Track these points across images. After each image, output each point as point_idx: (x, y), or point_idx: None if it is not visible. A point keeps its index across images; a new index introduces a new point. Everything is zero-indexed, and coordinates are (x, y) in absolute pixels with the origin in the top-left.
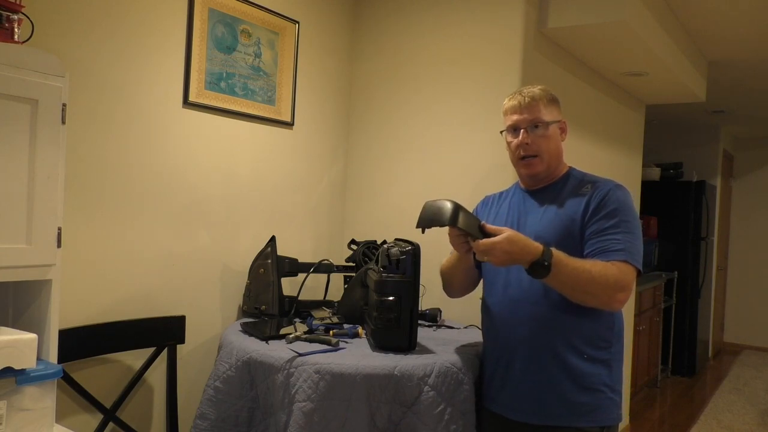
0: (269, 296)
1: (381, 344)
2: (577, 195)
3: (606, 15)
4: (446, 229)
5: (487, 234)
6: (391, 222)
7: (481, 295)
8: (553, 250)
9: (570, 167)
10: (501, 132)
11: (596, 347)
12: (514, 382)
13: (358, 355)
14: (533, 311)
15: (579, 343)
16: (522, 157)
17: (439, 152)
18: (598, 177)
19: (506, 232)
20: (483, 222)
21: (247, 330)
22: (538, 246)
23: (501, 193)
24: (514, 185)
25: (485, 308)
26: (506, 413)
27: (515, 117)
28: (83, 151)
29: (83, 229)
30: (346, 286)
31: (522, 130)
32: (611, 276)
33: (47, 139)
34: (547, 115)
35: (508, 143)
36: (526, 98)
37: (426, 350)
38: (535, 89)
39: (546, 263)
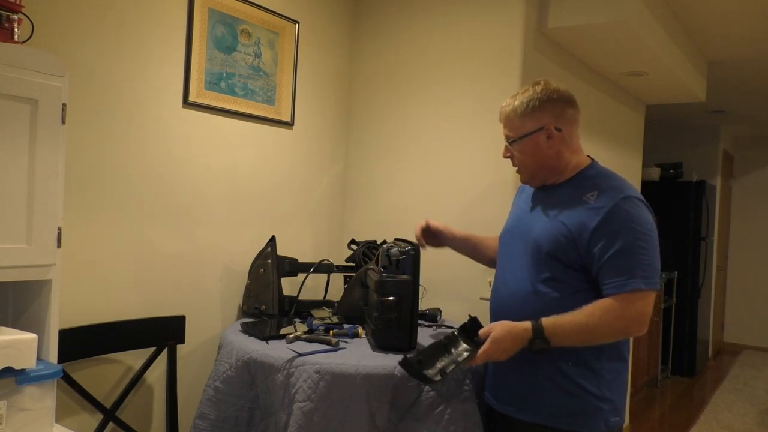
0: (269, 296)
1: (381, 344)
2: (580, 202)
3: (606, 15)
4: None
5: (478, 340)
6: (391, 222)
7: (481, 294)
8: (545, 322)
9: (591, 163)
10: None
11: (586, 354)
12: (501, 376)
13: (358, 355)
14: (523, 309)
15: (564, 347)
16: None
17: (440, 152)
18: (609, 181)
19: (491, 335)
20: (480, 332)
21: (247, 330)
22: (528, 329)
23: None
24: None
25: (490, 303)
26: (496, 406)
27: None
28: (83, 151)
29: (83, 229)
30: (346, 286)
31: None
32: (613, 318)
33: (47, 139)
34: (519, 128)
35: None
36: (501, 113)
37: None
38: (514, 101)
39: (539, 343)
